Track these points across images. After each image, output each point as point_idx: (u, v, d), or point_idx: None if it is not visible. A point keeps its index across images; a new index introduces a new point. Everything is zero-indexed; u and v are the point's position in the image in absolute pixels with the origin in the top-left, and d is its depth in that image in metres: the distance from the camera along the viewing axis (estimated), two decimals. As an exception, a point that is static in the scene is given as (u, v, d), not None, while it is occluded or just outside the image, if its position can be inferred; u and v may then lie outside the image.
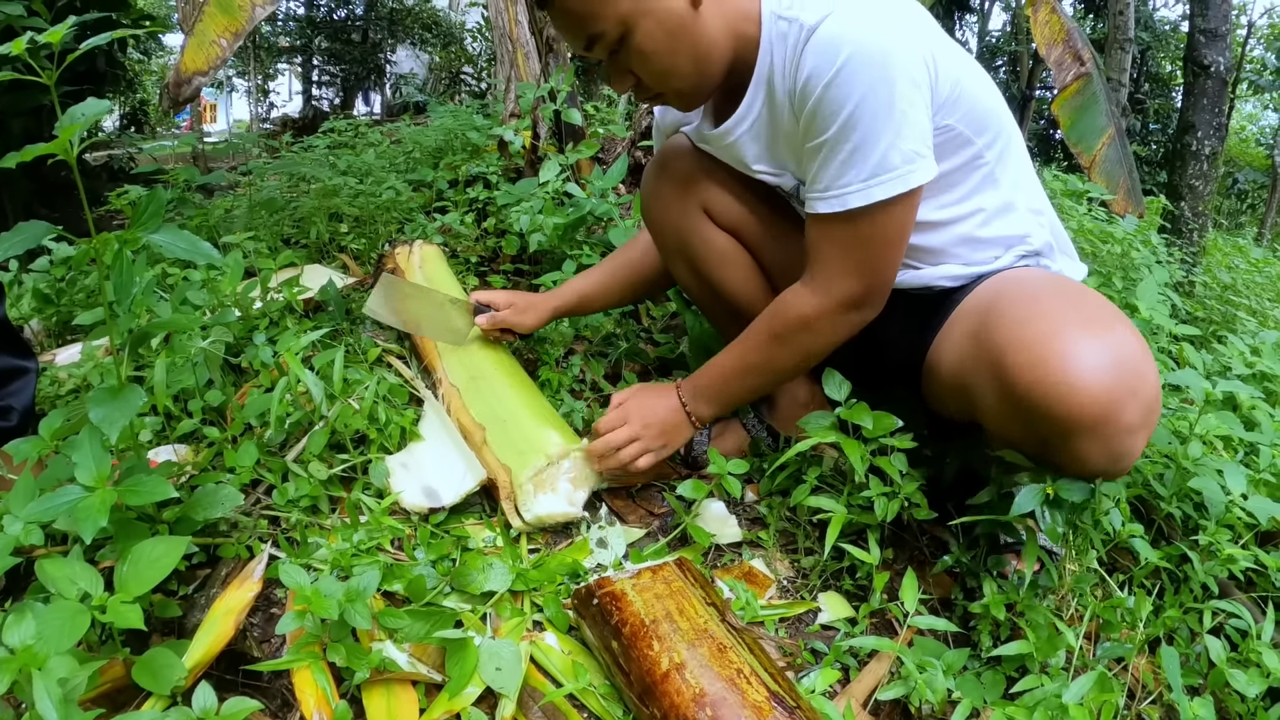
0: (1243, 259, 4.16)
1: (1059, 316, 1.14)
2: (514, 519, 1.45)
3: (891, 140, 1.20)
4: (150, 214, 1.07)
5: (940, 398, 1.41)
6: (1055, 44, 3.30)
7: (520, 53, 3.32)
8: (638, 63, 1.31)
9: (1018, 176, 1.41)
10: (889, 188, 1.22)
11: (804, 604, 1.38)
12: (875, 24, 1.19)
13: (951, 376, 1.31)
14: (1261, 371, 2.00)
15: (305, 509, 1.40)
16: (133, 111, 11.50)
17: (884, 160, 1.21)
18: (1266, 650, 1.23)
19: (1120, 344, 1.10)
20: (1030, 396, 1.10)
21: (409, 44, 16.84)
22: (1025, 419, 1.14)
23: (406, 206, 2.84)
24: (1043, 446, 1.18)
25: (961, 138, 1.31)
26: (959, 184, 1.36)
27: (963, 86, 1.29)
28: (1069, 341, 1.09)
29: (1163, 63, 15.56)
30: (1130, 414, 1.08)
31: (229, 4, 2.57)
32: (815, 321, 1.37)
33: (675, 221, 1.63)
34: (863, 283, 1.33)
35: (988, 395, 1.20)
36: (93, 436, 1.05)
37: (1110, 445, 1.11)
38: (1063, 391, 1.07)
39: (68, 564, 0.98)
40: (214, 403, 1.55)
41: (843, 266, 1.32)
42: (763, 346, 1.45)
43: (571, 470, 1.50)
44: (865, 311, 1.37)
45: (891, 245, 1.31)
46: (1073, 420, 1.08)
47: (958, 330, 1.32)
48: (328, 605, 1.06)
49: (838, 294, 1.34)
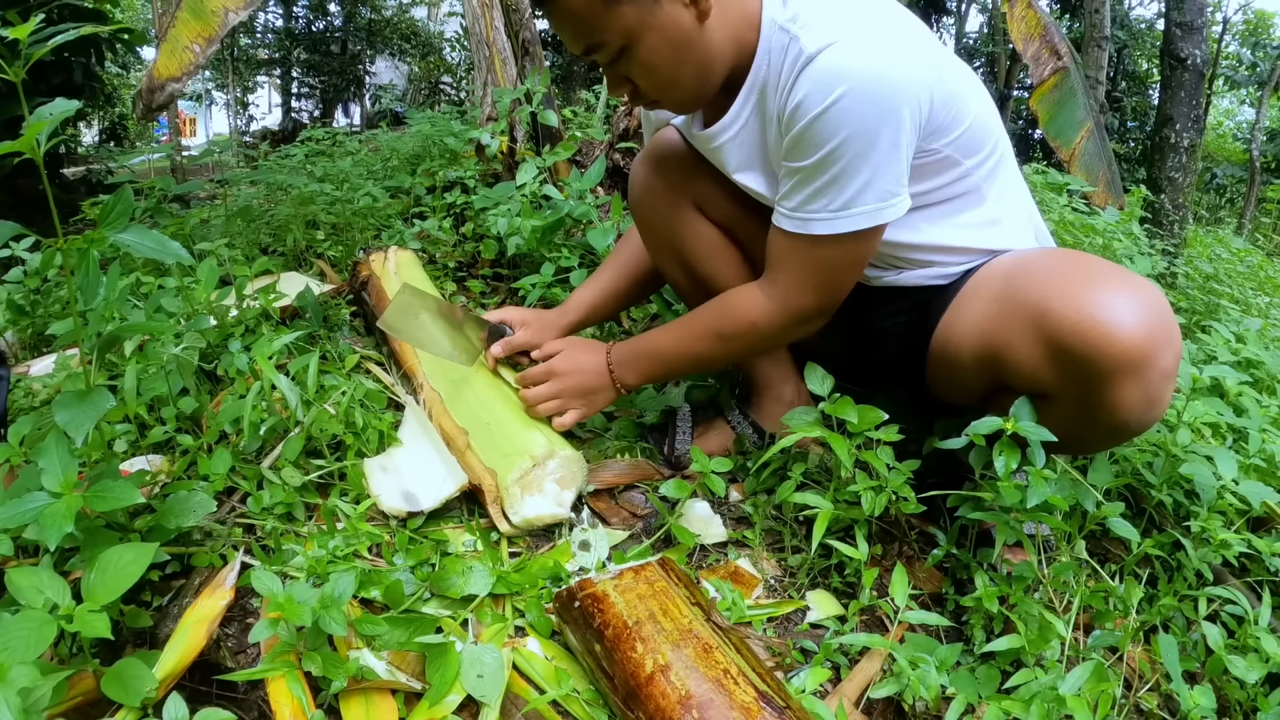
0: (1224, 249, 4.18)
1: (1091, 272, 1.17)
2: (501, 523, 1.43)
3: (869, 179, 1.21)
4: (117, 214, 1.04)
5: (952, 376, 1.40)
6: (1032, 39, 3.30)
7: (497, 58, 3.30)
8: (639, 74, 1.30)
9: (1003, 190, 1.41)
10: (855, 222, 1.24)
11: (792, 603, 1.35)
12: (877, 61, 1.17)
13: (975, 345, 1.30)
14: (1247, 358, 1.99)
15: (280, 516, 1.37)
16: (112, 126, 11.46)
17: (857, 197, 1.23)
18: (1265, 635, 1.21)
19: (1154, 297, 1.14)
20: (1076, 338, 1.12)
21: (388, 55, 16.83)
22: (1067, 364, 1.16)
23: (384, 213, 2.82)
24: (1081, 391, 1.18)
25: (949, 160, 1.31)
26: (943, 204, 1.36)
27: (961, 108, 1.28)
28: (1110, 290, 1.13)
29: (1139, 60, 15.67)
30: (1166, 359, 1.12)
31: (201, 9, 2.54)
32: (765, 329, 1.41)
33: (666, 215, 1.61)
34: (818, 300, 1.37)
35: (1024, 348, 1.20)
36: (59, 441, 1.03)
37: (1149, 389, 1.13)
38: (1109, 331, 1.10)
39: (35, 573, 0.95)
40: (188, 410, 1.52)
41: (801, 283, 1.35)
42: (706, 339, 1.48)
43: (558, 471, 1.48)
44: (815, 323, 1.42)
45: (850, 270, 1.34)
46: (1117, 360, 1.11)
47: (976, 302, 1.33)
48: (302, 611, 1.03)
49: (793, 307, 1.38)
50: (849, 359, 1.57)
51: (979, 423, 1.22)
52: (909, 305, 1.46)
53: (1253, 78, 13.14)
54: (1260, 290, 3.84)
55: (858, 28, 1.19)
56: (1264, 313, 3.33)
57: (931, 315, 1.40)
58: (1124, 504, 1.57)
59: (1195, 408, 1.55)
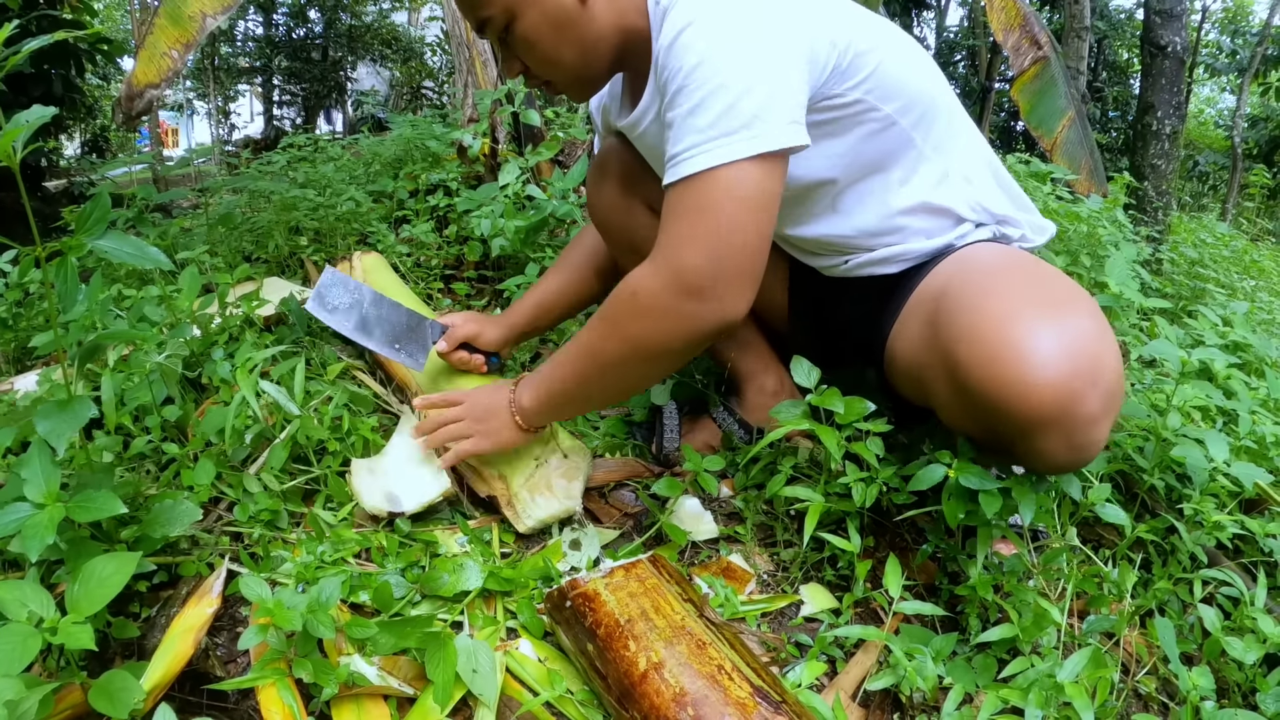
0: (1209, 234, 4.19)
1: (1013, 301, 1.07)
2: (518, 525, 1.43)
3: (731, 103, 1.08)
4: (95, 220, 1.03)
5: (901, 386, 1.38)
6: (1012, 29, 3.31)
7: (478, 60, 3.29)
8: (523, 50, 1.29)
9: (944, 140, 1.33)
10: (724, 152, 1.09)
11: (786, 597, 1.35)
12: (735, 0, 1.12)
13: (909, 367, 1.27)
14: (1234, 341, 1.99)
15: (267, 524, 1.36)
16: (93, 138, 11.40)
17: (720, 122, 1.09)
18: (1261, 616, 1.21)
19: (1077, 329, 1.04)
20: (984, 394, 1.05)
21: (369, 60, 16.79)
22: (982, 416, 1.10)
23: (367, 217, 2.80)
24: (1001, 443, 1.14)
25: (865, 105, 1.25)
26: (879, 158, 1.31)
27: (861, 55, 1.22)
28: (1023, 332, 1.02)
29: (1119, 50, 15.72)
30: (1091, 404, 1.03)
31: (179, 15, 2.52)
32: (646, 299, 1.18)
33: (621, 220, 1.62)
34: (703, 256, 1.12)
35: (943, 390, 1.16)
36: (41, 451, 1.02)
37: (1072, 438, 1.05)
38: (1018, 389, 1.01)
39: (18, 587, 0.94)
40: (172, 419, 1.50)
41: (678, 237, 1.14)
42: (592, 329, 1.29)
43: (560, 466, 1.48)
44: (710, 303, 1.15)
45: (737, 218, 1.12)
46: (1030, 418, 1.03)
47: (913, 318, 1.28)
48: (290, 617, 1.02)
49: (675, 266, 1.14)
50: (821, 348, 1.54)
51: (924, 474, 1.20)
52: (867, 294, 1.43)
53: (1232, 65, 13.21)
54: (1246, 274, 3.86)
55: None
56: (1250, 296, 3.35)
57: (887, 313, 1.36)
58: (1113, 488, 1.57)
59: (1185, 391, 1.55)
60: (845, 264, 1.44)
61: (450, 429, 1.44)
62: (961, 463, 1.18)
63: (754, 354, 1.71)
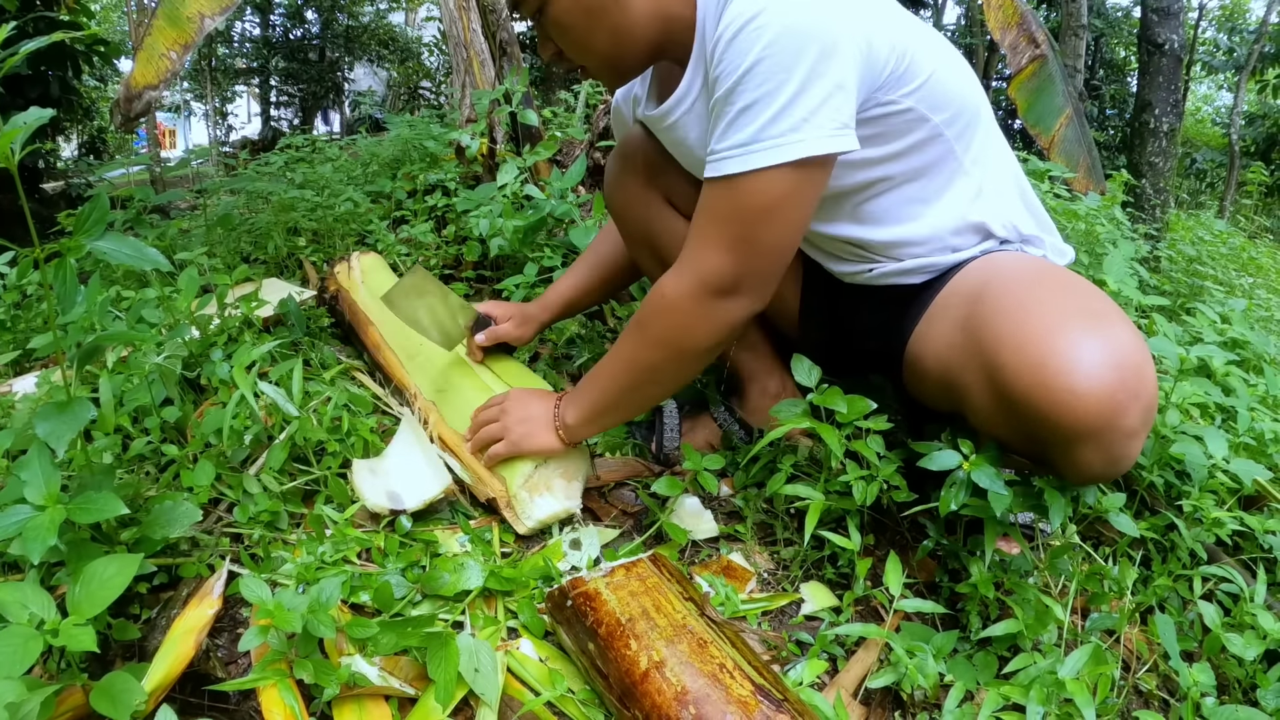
0: (1206, 231, 4.20)
1: (1055, 310, 1.07)
2: (518, 526, 1.43)
3: (784, 106, 1.10)
4: (93, 221, 1.03)
5: (924, 390, 1.36)
6: (1009, 28, 3.31)
7: (475, 60, 3.29)
8: (556, 34, 1.29)
9: (982, 154, 1.33)
10: (768, 155, 1.11)
11: (786, 595, 1.35)
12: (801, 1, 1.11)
13: (938, 370, 1.26)
14: (1233, 338, 2.00)
15: (267, 525, 1.36)
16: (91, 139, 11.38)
17: (770, 125, 1.11)
18: (1261, 612, 1.21)
19: (1121, 342, 1.03)
20: (1029, 402, 1.04)
21: (366, 61, 16.78)
22: (1021, 423, 1.08)
23: (365, 218, 2.80)
24: (1037, 449, 1.13)
25: (916, 115, 1.24)
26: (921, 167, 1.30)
27: (917, 59, 1.21)
28: (1069, 342, 1.02)
29: (1117, 49, 15.74)
30: (1131, 418, 1.02)
31: (177, 16, 2.52)
32: (676, 301, 1.24)
33: (639, 212, 1.61)
34: (731, 260, 1.19)
35: (979, 394, 1.14)
36: (41, 453, 1.02)
37: (1111, 451, 1.05)
38: (1065, 398, 1.00)
39: (19, 589, 0.94)
40: (172, 420, 1.50)
41: (712, 239, 1.20)
42: (628, 338, 1.34)
43: (559, 466, 1.47)
44: (738, 301, 1.23)
45: (771, 222, 1.17)
46: (1074, 428, 1.02)
47: (944, 319, 1.26)
48: (291, 618, 1.02)
49: (704, 269, 1.21)
50: (831, 352, 1.53)
51: (937, 456, 1.19)
52: (886, 302, 1.42)
53: (1230, 62, 13.20)
54: (1244, 271, 3.87)
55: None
56: (1248, 293, 3.35)
57: (909, 318, 1.35)
58: (1114, 487, 1.57)
59: (1183, 388, 1.55)
60: (870, 272, 1.41)
61: (489, 429, 1.46)
62: (978, 458, 1.18)
63: (758, 356, 1.71)
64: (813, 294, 1.59)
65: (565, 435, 1.43)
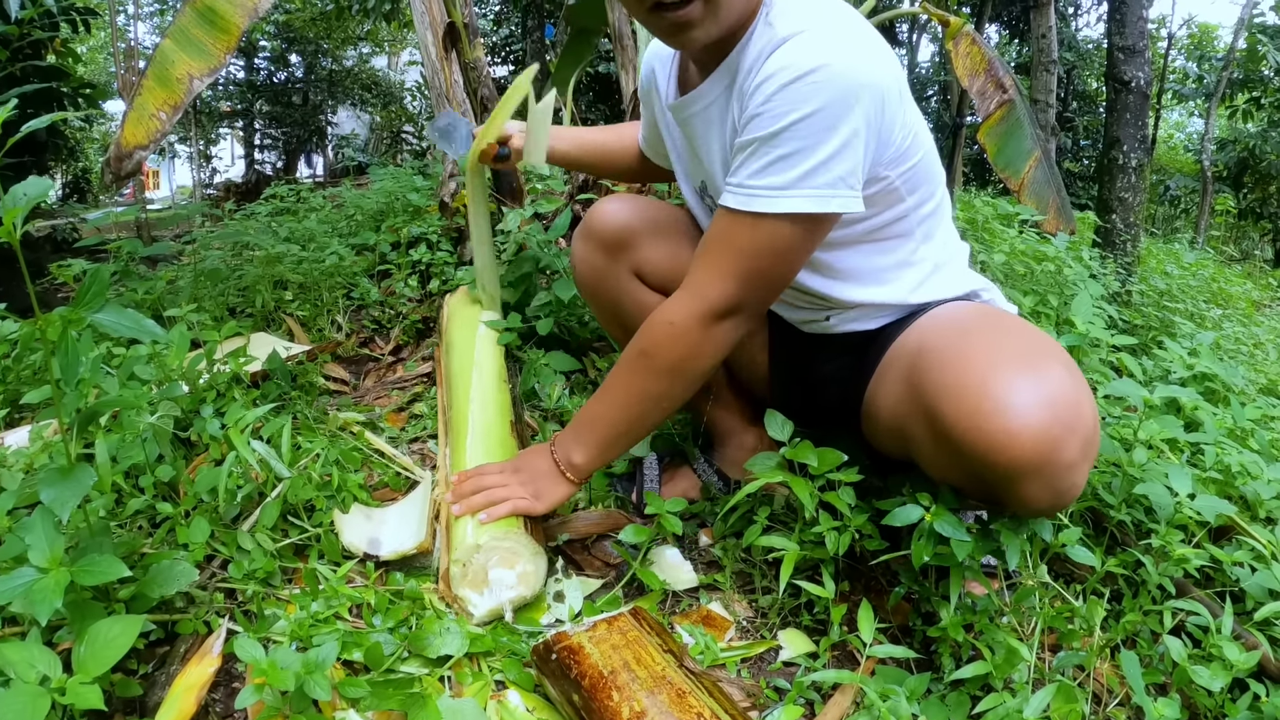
0: (1176, 264, 4.29)
1: (989, 356, 1.13)
2: (469, 620, 1.37)
3: (825, 159, 1.17)
4: (94, 293, 1.08)
5: (881, 440, 1.42)
6: (977, 74, 3.39)
7: (457, 110, 3.34)
8: None
9: (940, 234, 1.44)
10: (801, 203, 1.20)
11: (764, 643, 1.38)
12: (851, 50, 1.17)
13: (889, 421, 1.33)
14: (1201, 372, 2.05)
15: (261, 581, 1.39)
16: (75, 180, 11.38)
17: (810, 176, 1.18)
18: (1227, 643, 1.24)
19: (1054, 381, 1.09)
20: (966, 445, 1.09)
21: (349, 105, 16.87)
22: (964, 466, 1.14)
23: (350, 271, 2.84)
24: (985, 489, 1.19)
25: (895, 194, 1.33)
26: (878, 242, 1.38)
27: (916, 139, 1.30)
28: (1002, 387, 1.08)
29: (1088, 80, 15.97)
30: (1070, 451, 1.08)
31: (167, 77, 2.56)
32: (681, 326, 1.31)
33: (608, 287, 1.65)
34: (737, 289, 1.28)
35: (925, 443, 1.21)
36: (45, 517, 1.05)
37: (1053, 484, 1.10)
38: (1000, 440, 1.06)
39: (25, 647, 0.98)
40: (165, 478, 1.53)
41: (724, 268, 1.27)
42: (631, 368, 1.39)
43: (493, 554, 1.38)
44: (738, 322, 1.32)
45: (780, 263, 1.27)
46: (1013, 466, 1.07)
47: (891, 374, 1.33)
48: (284, 677, 1.05)
49: (711, 295, 1.28)
50: (801, 407, 1.57)
51: (900, 511, 1.25)
52: (845, 349, 1.49)
53: (1199, 90, 13.42)
54: (1213, 302, 3.95)
55: (832, 21, 1.20)
56: (1217, 325, 3.42)
57: (865, 369, 1.42)
58: (1085, 526, 1.62)
59: (1150, 426, 1.60)
60: (827, 320, 1.48)
61: (495, 493, 1.44)
62: (938, 508, 1.24)
63: (734, 414, 1.76)
64: (778, 351, 1.65)
65: (574, 476, 1.46)
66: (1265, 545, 1.49)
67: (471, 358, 1.95)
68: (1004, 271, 2.75)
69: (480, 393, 1.81)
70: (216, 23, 2.56)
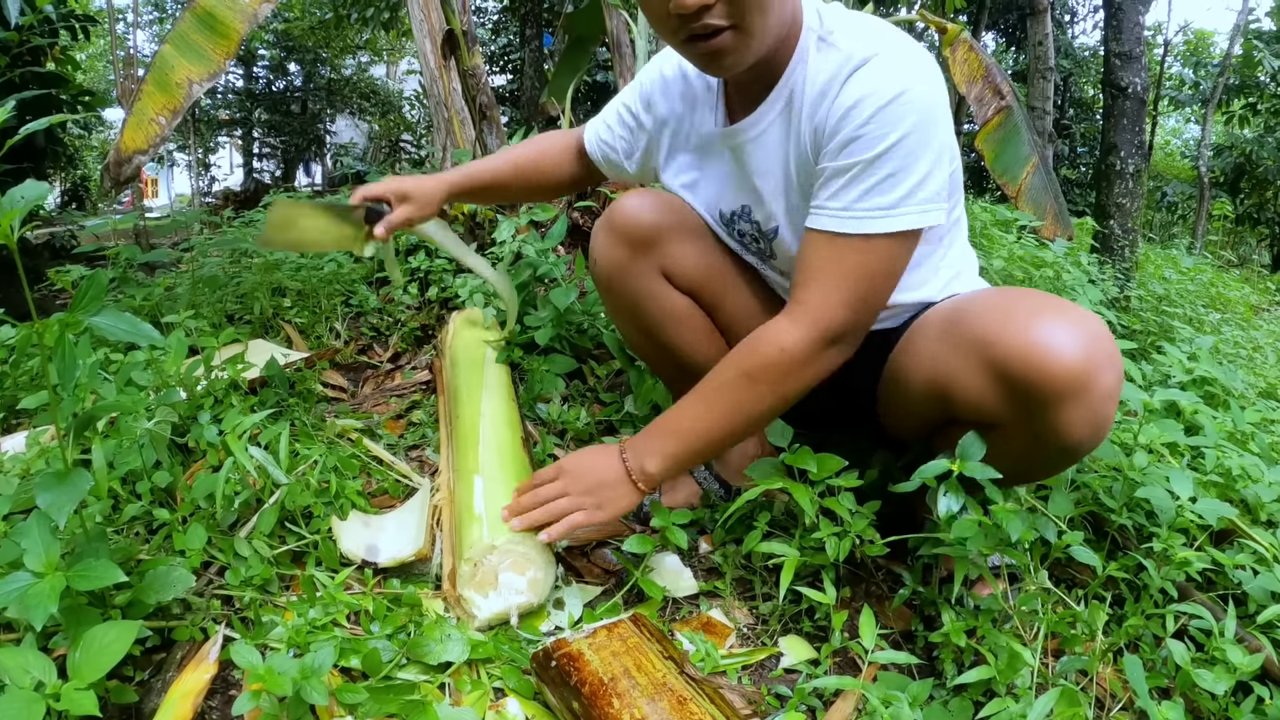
0: (1174, 269, 4.29)
1: (1031, 305, 1.21)
2: (470, 624, 1.36)
3: (922, 177, 1.24)
4: (91, 297, 1.08)
5: (903, 409, 1.45)
6: (975, 81, 3.39)
7: (455, 119, 3.35)
8: None
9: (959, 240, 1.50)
10: (909, 220, 1.25)
11: (765, 649, 1.38)
12: (925, 70, 1.24)
13: (924, 378, 1.34)
14: (1200, 376, 2.05)
15: (258, 587, 1.39)
16: (74, 187, 11.39)
17: (912, 194, 1.24)
18: (1230, 646, 1.24)
19: (1092, 323, 1.18)
20: (1020, 365, 1.16)
21: (348, 113, 16.90)
22: (1012, 391, 1.19)
23: (348, 278, 2.84)
24: (1028, 418, 1.21)
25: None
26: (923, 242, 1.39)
27: (953, 151, 1.34)
28: (1048, 321, 1.16)
29: (1085, 87, 16.02)
30: (1108, 378, 1.15)
31: (166, 82, 2.56)
32: (794, 351, 1.30)
33: (631, 285, 1.59)
34: (852, 316, 1.30)
35: (971, 379, 1.24)
36: (41, 522, 1.05)
37: (1093, 409, 1.16)
38: (1051, 356, 1.13)
39: (20, 653, 0.98)
40: (162, 484, 1.53)
41: (838, 296, 1.29)
42: (732, 388, 1.35)
43: (506, 558, 1.38)
44: (844, 348, 1.34)
45: (889, 281, 1.32)
46: (1060, 384, 1.14)
47: (919, 338, 1.38)
48: (282, 683, 1.05)
49: (825, 324, 1.29)
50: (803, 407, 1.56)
51: (928, 466, 1.25)
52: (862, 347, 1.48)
53: (1196, 96, 13.45)
54: (1212, 306, 3.95)
55: (896, 42, 1.26)
56: (1216, 329, 3.42)
57: (879, 359, 1.45)
58: (1086, 530, 1.61)
59: (1150, 430, 1.59)
60: None
61: (556, 505, 1.40)
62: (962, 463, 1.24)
63: None
64: None
65: (645, 485, 1.41)
66: (1267, 548, 1.48)
67: (480, 370, 1.95)
68: (1003, 277, 2.75)
69: (491, 406, 1.79)
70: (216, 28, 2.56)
